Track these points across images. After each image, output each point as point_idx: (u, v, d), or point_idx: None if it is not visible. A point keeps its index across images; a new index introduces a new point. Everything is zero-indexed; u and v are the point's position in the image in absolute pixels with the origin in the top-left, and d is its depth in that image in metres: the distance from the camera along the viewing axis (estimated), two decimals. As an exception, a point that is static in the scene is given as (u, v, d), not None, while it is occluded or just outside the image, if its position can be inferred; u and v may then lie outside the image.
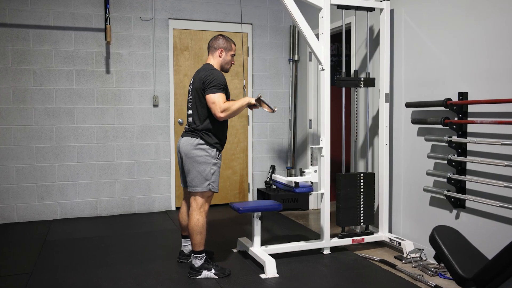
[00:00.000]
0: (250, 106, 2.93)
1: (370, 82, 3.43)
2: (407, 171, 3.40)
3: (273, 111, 2.90)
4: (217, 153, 2.87)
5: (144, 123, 4.67)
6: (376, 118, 3.71)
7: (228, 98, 2.88)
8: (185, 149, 2.85)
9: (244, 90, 3.29)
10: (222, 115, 2.76)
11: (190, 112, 2.93)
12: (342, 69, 3.45)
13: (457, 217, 2.96)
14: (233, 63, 3.01)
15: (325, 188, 3.25)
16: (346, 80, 3.36)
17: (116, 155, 4.59)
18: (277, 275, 2.86)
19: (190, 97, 2.94)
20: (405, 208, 3.43)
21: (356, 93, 3.71)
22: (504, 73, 2.62)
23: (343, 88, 3.51)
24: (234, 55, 3.00)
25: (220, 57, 2.94)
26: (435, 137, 3.01)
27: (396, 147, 3.50)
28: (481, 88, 2.77)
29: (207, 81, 2.78)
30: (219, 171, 2.90)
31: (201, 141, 2.82)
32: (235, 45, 3.01)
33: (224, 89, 2.82)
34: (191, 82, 2.96)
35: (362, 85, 3.40)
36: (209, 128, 2.84)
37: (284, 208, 4.74)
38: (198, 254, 2.84)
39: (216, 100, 2.76)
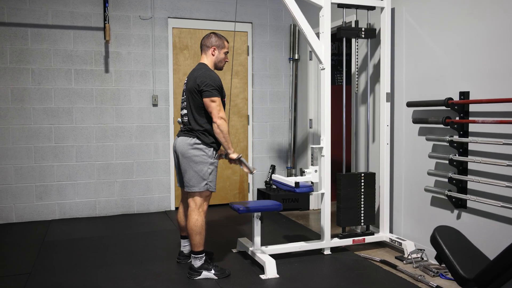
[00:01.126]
0: (229, 159, 2.92)
1: (371, 33, 3.40)
2: (408, 171, 3.38)
3: (251, 172, 2.92)
4: (214, 152, 2.86)
5: (143, 123, 4.66)
6: (377, 118, 3.69)
7: (223, 98, 2.87)
8: (181, 149, 2.83)
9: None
10: (219, 121, 2.77)
11: (184, 112, 2.92)
12: (342, 68, 3.43)
13: (458, 217, 2.95)
14: (226, 61, 3.00)
15: (326, 188, 3.24)
16: (346, 30, 3.33)
17: (115, 155, 4.57)
18: (277, 276, 2.85)
19: (184, 97, 2.93)
20: (406, 208, 3.42)
21: (356, 91, 3.68)
22: (506, 72, 2.60)
23: (344, 88, 3.50)
24: (227, 52, 2.98)
25: (213, 55, 2.93)
26: (436, 136, 3.00)
27: (397, 147, 3.49)
28: (482, 87, 2.75)
29: (204, 83, 2.77)
30: (217, 170, 2.89)
31: (198, 141, 2.81)
32: (228, 42, 2.99)
33: (220, 92, 2.81)
34: (185, 81, 2.94)
35: (363, 36, 3.38)
36: (205, 128, 2.83)
37: (284, 208, 4.73)
38: (197, 255, 2.82)
39: (214, 105, 2.76)
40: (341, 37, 3.36)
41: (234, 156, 2.89)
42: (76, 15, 4.41)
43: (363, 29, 3.37)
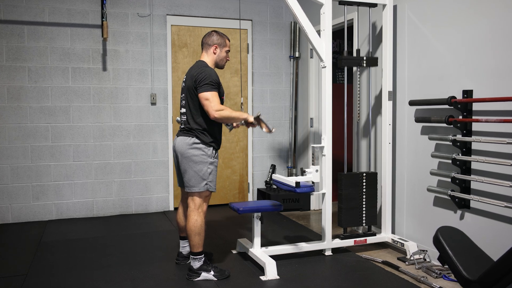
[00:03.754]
0: (248, 123, 2.88)
1: (373, 61, 3.38)
2: (410, 171, 3.35)
3: (270, 131, 2.86)
4: (214, 152, 2.83)
5: (142, 122, 4.61)
6: (378, 116, 3.65)
7: (221, 95, 2.84)
8: (180, 148, 2.80)
9: (241, 107, 3.25)
10: (216, 114, 2.71)
11: (183, 110, 2.89)
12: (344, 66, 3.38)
13: (461, 217, 2.92)
14: (228, 60, 2.97)
15: (327, 188, 3.21)
16: (348, 59, 3.30)
17: (112, 154, 4.53)
18: (278, 277, 2.83)
19: (183, 95, 2.90)
20: (408, 209, 3.38)
21: (358, 91, 3.65)
22: (510, 70, 2.57)
23: (345, 86, 3.46)
24: (229, 51, 2.96)
25: (214, 53, 2.90)
26: (439, 135, 2.98)
27: (399, 146, 3.45)
28: (486, 85, 2.72)
29: (198, 79, 2.74)
30: (216, 170, 2.86)
31: (197, 140, 2.78)
32: (229, 41, 2.97)
33: (217, 87, 2.77)
34: (184, 80, 2.91)
35: (364, 64, 3.35)
36: (204, 127, 2.80)
37: (285, 208, 4.69)
38: (196, 256, 2.80)
39: (209, 98, 2.71)
40: (343, 66, 3.32)
41: (251, 118, 2.83)
42: (73, 12, 4.36)
43: (364, 58, 3.35)
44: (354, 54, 3.48)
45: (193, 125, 2.80)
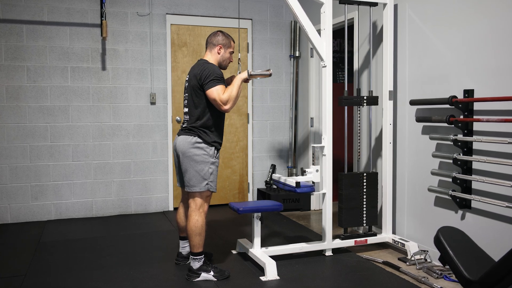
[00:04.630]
0: (245, 80, 2.88)
1: (373, 100, 3.37)
2: (411, 171, 3.34)
3: (269, 74, 2.86)
4: (215, 151, 2.82)
5: (141, 121, 4.60)
6: (379, 116, 3.64)
7: None
8: (182, 148, 2.78)
9: (239, 63, 3.24)
10: (227, 107, 2.74)
11: (186, 110, 2.88)
12: (344, 66, 3.37)
13: (462, 217, 2.90)
14: (231, 61, 2.98)
15: (327, 188, 3.19)
16: (348, 99, 3.29)
17: (112, 154, 4.51)
18: (278, 278, 2.82)
19: (186, 94, 2.89)
20: (409, 209, 3.37)
21: (358, 89, 3.62)
22: (511, 69, 2.55)
23: (346, 85, 3.45)
24: (233, 52, 2.96)
25: (218, 53, 2.90)
26: (440, 135, 2.96)
27: (400, 146, 3.44)
28: (487, 85, 2.71)
29: (203, 76, 2.73)
30: (217, 170, 2.85)
31: (199, 140, 2.76)
32: (234, 42, 2.97)
33: (222, 81, 2.78)
34: (187, 79, 2.91)
35: (365, 104, 3.34)
36: (207, 126, 2.79)
37: (285, 208, 4.68)
38: (196, 256, 2.79)
39: (216, 96, 2.71)
40: (343, 106, 3.29)
41: (245, 75, 2.82)
42: (72, 12, 4.34)
43: (365, 97, 3.33)
44: (355, 93, 3.46)
45: (196, 124, 2.79)
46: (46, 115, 4.31)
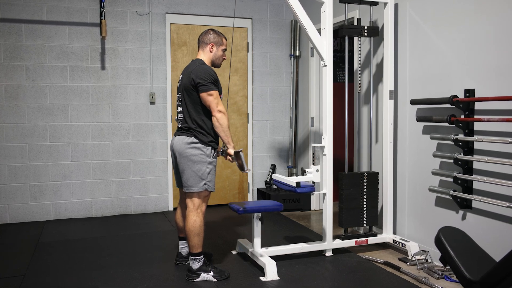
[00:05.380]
0: (227, 153, 2.84)
1: (374, 31, 3.35)
2: (412, 171, 3.32)
3: (244, 171, 2.79)
4: (213, 151, 2.80)
5: (141, 121, 4.58)
6: (380, 116, 3.63)
7: (220, 93, 2.83)
8: (179, 148, 2.77)
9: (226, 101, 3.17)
10: (218, 115, 2.71)
11: (180, 109, 2.87)
12: (345, 65, 3.36)
13: (463, 218, 2.89)
14: (224, 58, 2.96)
15: (327, 188, 3.18)
16: (348, 28, 3.28)
17: (111, 154, 4.50)
18: (278, 278, 2.81)
19: (179, 94, 2.88)
20: (410, 209, 3.36)
21: (359, 90, 3.62)
22: (515, 69, 2.54)
23: (346, 85, 3.43)
24: (226, 49, 2.95)
25: (211, 52, 2.89)
26: (441, 135, 2.95)
27: (401, 146, 3.43)
28: (488, 84, 2.70)
29: (198, 78, 2.71)
30: (215, 169, 2.83)
31: (195, 140, 2.75)
32: (226, 40, 2.96)
33: (216, 85, 2.76)
34: (180, 78, 2.89)
35: (365, 34, 3.32)
36: (202, 126, 2.77)
37: (285, 208, 4.67)
38: (196, 256, 2.78)
39: (211, 98, 2.70)
40: (343, 36, 3.29)
41: (232, 151, 2.80)
42: (71, 11, 4.32)
43: (365, 27, 3.31)
44: (355, 23, 3.42)
45: (191, 124, 2.77)
46: (45, 115, 4.29)
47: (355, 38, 3.72)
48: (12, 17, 4.17)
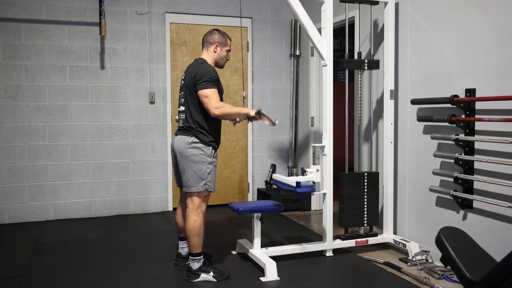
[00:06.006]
0: (250, 118, 2.82)
1: (374, 64, 3.36)
2: (412, 171, 3.31)
3: (273, 124, 2.79)
4: (213, 151, 2.80)
5: (140, 121, 4.57)
6: (380, 116, 3.62)
7: (221, 93, 2.81)
8: (179, 148, 2.76)
9: (243, 101, 3.24)
10: (216, 111, 2.67)
11: (182, 109, 2.86)
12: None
13: (464, 218, 2.89)
14: (228, 59, 2.96)
15: (328, 188, 3.18)
16: (349, 62, 3.29)
17: (111, 154, 4.49)
18: (278, 278, 2.80)
19: (181, 93, 2.87)
20: (410, 209, 3.35)
21: (360, 90, 3.61)
22: (516, 68, 2.53)
23: (346, 85, 3.42)
24: (230, 50, 2.94)
25: (215, 52, 2.88)
26: (442, 135, 2.94)
27: (401, 146, 3.42)
28: (489, 84, 2.69)
29: (197, 76, 2.71)
30: (215, 170, 2.83)
31: (196, 140, 2.74)
32: (230, 40, 2.95)
33: (216, 84, 2.74)
34: (183, 77, 2.88)
35: (366, 67, 3.33)
36: (203, 126, 2.76)
37: (285, 208, 4.66)
38: (195, 257, 2.77)
39: (209, 95, 2.68)
40: (344, 69, 3.30)
41: (252, 112, 2.76)
42: (71, 10, 4.31)
43: (366, 61, 3.33)
44: (356, 57, 3.44)
45: (192, 124, 2.77)
46: (44, 115, 4.28)
47: (355, 37, 3.72)
48: (11, 16, 4.15)
